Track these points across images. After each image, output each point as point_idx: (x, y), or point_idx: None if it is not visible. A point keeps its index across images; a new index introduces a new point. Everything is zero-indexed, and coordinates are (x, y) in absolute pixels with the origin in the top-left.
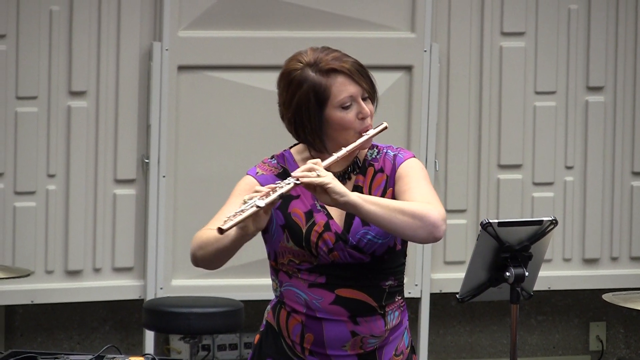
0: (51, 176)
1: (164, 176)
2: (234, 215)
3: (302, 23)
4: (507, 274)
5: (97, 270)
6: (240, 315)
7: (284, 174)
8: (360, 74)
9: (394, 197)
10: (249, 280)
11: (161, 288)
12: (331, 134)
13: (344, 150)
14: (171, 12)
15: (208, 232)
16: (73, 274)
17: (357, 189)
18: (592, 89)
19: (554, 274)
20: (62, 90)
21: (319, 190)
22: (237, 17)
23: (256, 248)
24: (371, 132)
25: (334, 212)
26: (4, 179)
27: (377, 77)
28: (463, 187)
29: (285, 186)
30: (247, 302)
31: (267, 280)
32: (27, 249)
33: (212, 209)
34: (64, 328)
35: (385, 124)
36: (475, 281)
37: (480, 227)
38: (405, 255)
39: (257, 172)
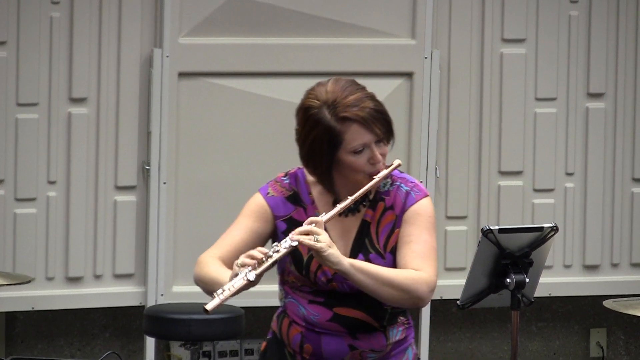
0: (52, 183)
1: (164, 183)
2: (222, 292)
3: (303, 30)
4: (508, 280)
5: (97, 277)
6: (240, 322)
7: (294, 197)
8: (376, 120)
9: (398, 238)
10: None
11: (162, 294)
12: (342, 174)
13: (349, 200)
14: (172, 18)
15: (210, 269)
16: (74, 280)
17: (364, 224)
18: (593, 96)
19: (554, 280)
20: (62, 97)
21: (315, 252)
22: (237, 23)
23: None
24: (382, 173)
25: (338, 243)
26: (4, 185)
27: (377, 84)
28: (463, 194)
29: (281, 250)
30: (247, 309)
31: (268, 287)
32: (27, 255)
33: (213, 215)
34: (64, 335)
35: (398, 162)
36: (475, 288)
37: (480, 233)
38: None
39: (268, 193)
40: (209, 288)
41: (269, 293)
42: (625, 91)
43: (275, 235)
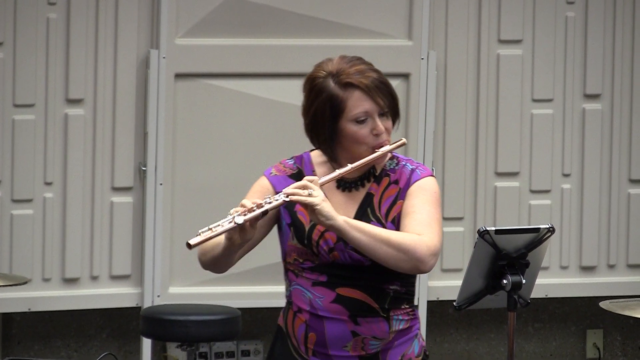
0: (48, 184)
1: (161, 184)
2: (209, 230)
3: (299, 31)
4: (505, 281)
5: (94, 278)
6: (237, 323)
7: (297, 175)
8: (379, 90)
9: (401, 210)
10: (247, 288)
11: (158, 296)
12: (344, 145)
13: (348, 167)
14: (168, 19)
15: (213, 240)
16: (70, 281)
17: (369, 196)
18: (589, 97)
19: (551, 281)
20: (59, 98)
21: (309, 208)
22: (234, 24)
23: (254, 255)
24: (385, 148)
25: (341, 212)
26: (1, 186)
27: None
28: (460, 195)
29: (273, 202)
30: (244, 310)
31: (265, 288)
32: (24, 256)
33: (210, 216)
34: (61, 336)
35: (403, 140)
36: (472, 289)
37: (477, 234)
38: None
39: (272, 173)
40: (210, 254)
41: (266, 294)
42: (621, 92)
43: (279, 213)
